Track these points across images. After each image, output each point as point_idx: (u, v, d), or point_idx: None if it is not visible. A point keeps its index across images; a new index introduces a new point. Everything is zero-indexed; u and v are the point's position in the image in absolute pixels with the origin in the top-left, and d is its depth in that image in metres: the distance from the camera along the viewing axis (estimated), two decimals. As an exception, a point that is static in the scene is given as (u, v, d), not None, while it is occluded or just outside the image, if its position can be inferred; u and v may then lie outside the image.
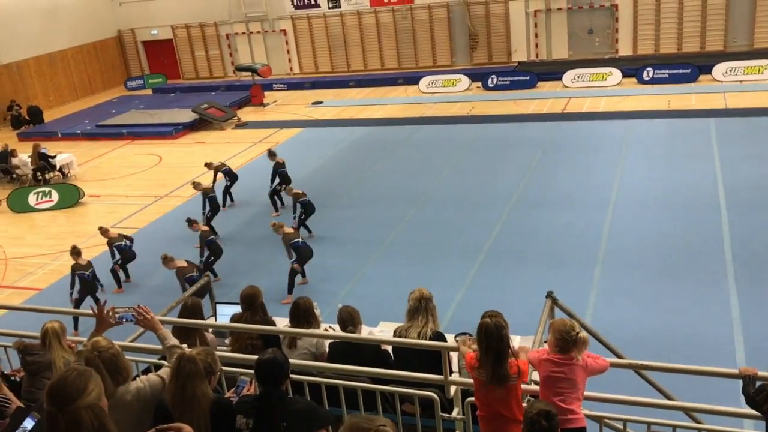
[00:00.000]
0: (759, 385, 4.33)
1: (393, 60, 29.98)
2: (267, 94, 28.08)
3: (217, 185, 15.38)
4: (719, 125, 17.98)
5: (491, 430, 4.53)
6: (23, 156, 20.06)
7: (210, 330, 6.61)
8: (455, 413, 5.12)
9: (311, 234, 13.46)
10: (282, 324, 6.67)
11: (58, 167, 19.89)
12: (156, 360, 5.66)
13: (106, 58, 33.85)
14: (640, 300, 10.15)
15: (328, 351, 5.99)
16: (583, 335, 4.58)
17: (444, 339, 5.59)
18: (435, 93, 25.98)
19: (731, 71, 22.70)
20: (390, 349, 5.83)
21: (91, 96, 32.44)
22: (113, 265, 12.42)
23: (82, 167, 20.96)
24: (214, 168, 15.85)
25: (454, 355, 5.47)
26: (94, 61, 33.24)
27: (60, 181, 19.41)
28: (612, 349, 5.93)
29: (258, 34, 31.75)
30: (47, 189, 18.14)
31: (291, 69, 31.68)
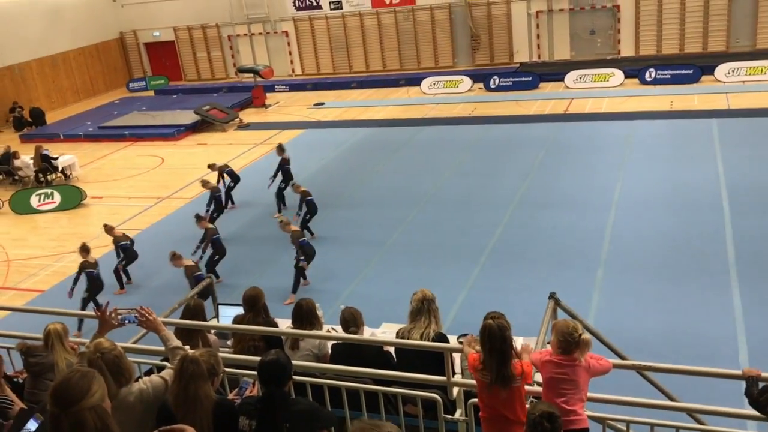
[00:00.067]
0: (762, 386, 4.32)
1: (395, 61, 30.00)
2: (269, 95, 28.09)
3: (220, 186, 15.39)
4: (722, 126, 17.96)
5: (494, 431, 4.53)
6: (25, 158, 20.09)
7: (212, 331, 6.62)
8: (458, 414, 5.12)
9: (313, 235, 13.46)
10: (284, 325, 6.67)
11: (60, 169, 19.91)
12: (158, 361, 5.66)
13: (108, 59, 33.91)
14: (642, 301, 10.14)
15: (330, 352, 5.99)
16: (586, 337, 4.57)
17: (447, 340, 5.60)
18: (437, 94, 25.98)
19: (734, 72, 22.68)
20: (392, 351, 5.84)
21: (93, 98, 32.50)
22: (116, 266, 12.38)
23: (84, 169, 20.99)
24: (217, 169, 15.86)
25: (456, 356, 5.46)
26: (96, 63, 33.30)
27: (62, 183, 19.43)
28: (615, 350, 5.93)
29: (260, 35, 31.79)
30: (49, 190, 18.16)
31: (293, 70, 31.71)
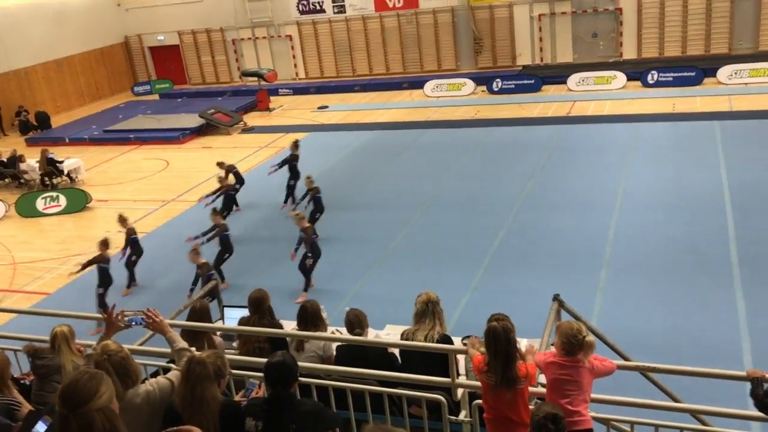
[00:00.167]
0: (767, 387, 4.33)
1: (398, 64, 30.04)
2: (273, 98, 28.17)
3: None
4: (724, 128, 17.95)
5: (498, 433, 4.56)
6: (31, 161, 20.17)
7: (218, 333, 6.65)
8: (462, 416, 5.13)
9: (318, 237, 13.49)
10: (289, 327, 6.70)
11: (65, 172, 19.98)
12: (165, 363, 5.69)
13: (113, 63, 34.02)
14: (646, 302, 10.14)
15: (335, 354, 6.02)
16: (590, 339, 4.59)
17: (451, 342, 5.61)
18: (440, 97, 26.01)
19: (736, 74, 22.67)
20: (397, 352, 5.86)
21: (99, 101, 32.61)
22: (127, 260, 12.46)
23: (89, 172, 21.05)
24: (226, 168, 15.92)
25: (461, 358, 5.49)
26: (101, 67, 33.41)
27: (68, 186, 19.49)
28: (618, 351, 5.94)
29: (264, 39, 31.86)
30: (55, 194, 18.23)
31: (297, 74, 31.77)
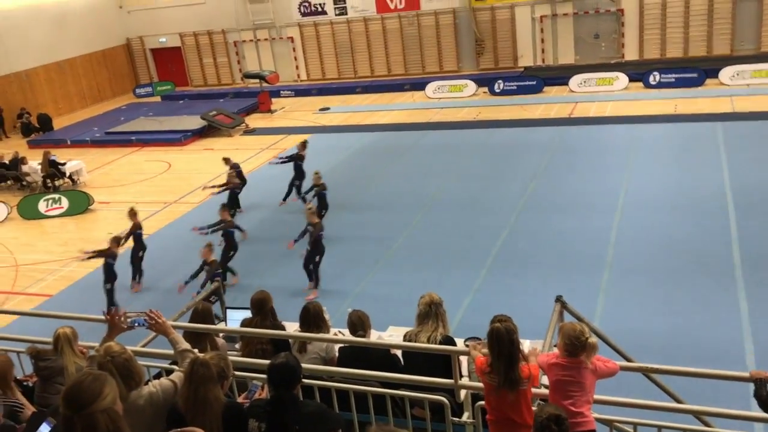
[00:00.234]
0: (771, 388, 4.32)
1: (400, 66, 30.06)
2: (274, 100, 28.20)
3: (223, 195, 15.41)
4: (726, 129, 17.95)
5: (501, 434, 4.55)
6: (33, 163, 20.19)
7: (220, 335, 6.65)
8: (465, 417, 5.13)
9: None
10: (292, 328, 6.70)
11: (67, 174, 20.01)
12: (167, 365, 5.69)
13: (114, 65, 34.06)
14: (648, 303, 10.14)
15: (337, 355, 6.02)
16: (593, 341, 4.58)
17: (454, 343, 5.61)
18: (441, 98, 26.02)
19: (738, 75, 22.67)
20: (399, 354, 5.86)
21: (100, 103, 32.65)
22: (134, 256, 12.56)
23: (91, 174, 21.09)
24: (231, 165, 15.95)
25: (463, 359, 5.48)
26: (102, 69, 33.45)
27: (70, 188, 19.51)
28: (621, 353, 5.93)
29: (265, 41, 31.90)
30: (57, 196, 18.25)
31: (298, 76, 31.80)
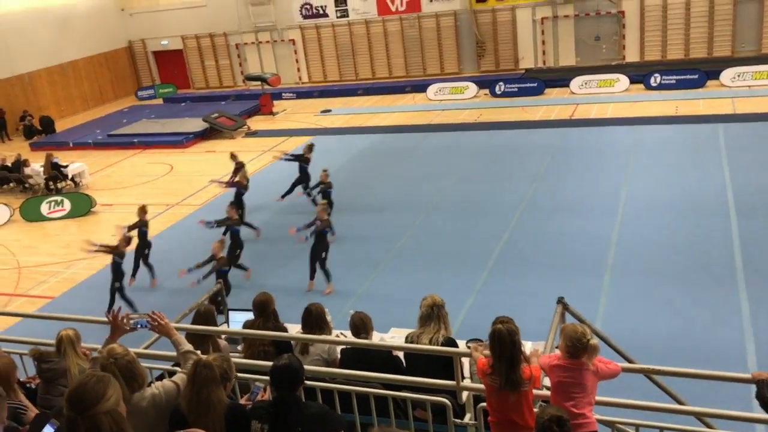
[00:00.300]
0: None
1: (401, 68, 30.08)
2: (276, 103, 28.22)
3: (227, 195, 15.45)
4: (727, 131, 17.95)
5: (503, 435, 4.56)
6: (35, 166, 20.23)
7: (223, 336, 6.66)
8: (467, 419, 5.14)
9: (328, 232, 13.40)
10: (294, 330, 6.71)
11: (70, 177, 20.04)
12: (170, 366, 5.70)
13: (116, 68, 34.11)
14: (650, 305, 10.14)
15: (340, 357, 6.03)
16: (594, 342, 4.59)
17: (456, 345, 5.62)
18: (443, 100, 26.04)
19: (739, 76, 22.68)
20: (402, 355, 5.87)
21: (102, 106, 32.69)
22: (140, 253, 12.68)
23: (93, 176, 21.12)
24: (237, 163, 15.98)
25: (465, 361, 5.49)
26: (105, 72, 33.50)
27: (72, 191, 19.55)
28: (623, 354, 5.93)
29: (267, 43, 31.93)
30: (59, 198, 18.28)
31: (300, 78, 31.83)
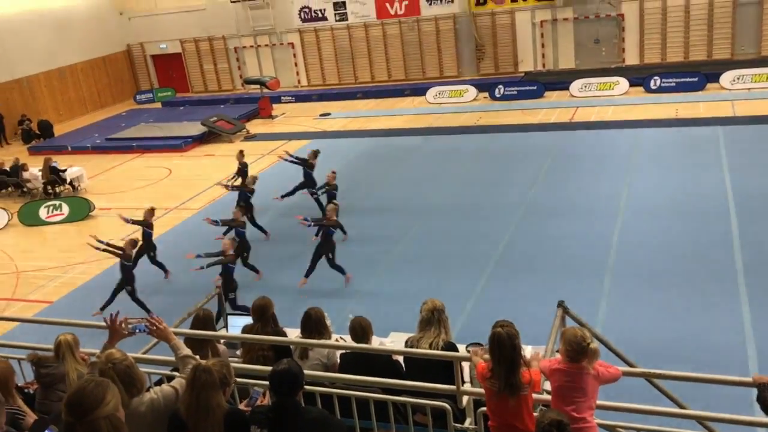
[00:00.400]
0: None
1: (400, 71, 30.09)
2: (275, 106, 28.21)
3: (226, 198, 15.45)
4: (727, 133, 17.96)
5: (503, 440, 4.53)
6: (34, 170, 20.21)
7: (221, 341, 6.64)
8: (467, 423, 5.12)
9: (334, 232, 13.37)
10: (293, 335, 6.69)
11: (68, 181, 20.02)
12: (168, 371, 5.68)
13: (115, 72, 34.10)
14: (650, 308, 10.12)
15: (339, 362, 6.01)
16: (594, 346, 4.57)
17: (456, 349, 5.60)
18: (442, 104, 26.04)
19: (739, 79, 22.69)
20: (401, 360, 5.85)
21: (101, 110, 32.68)
22: (146, 255, 12.85)
23: (92, 180, 21.10)
24: (242, 164, 15.95)
25: (465, 365, 5.47)
26: (103, 75, 33.49)
27: (70, 195, 19.53)
28: (623, 358, 5.92)
29: (266, 47, 31.94)
30: (58, 202, 18.26)
31: (299, 81, 31.83)
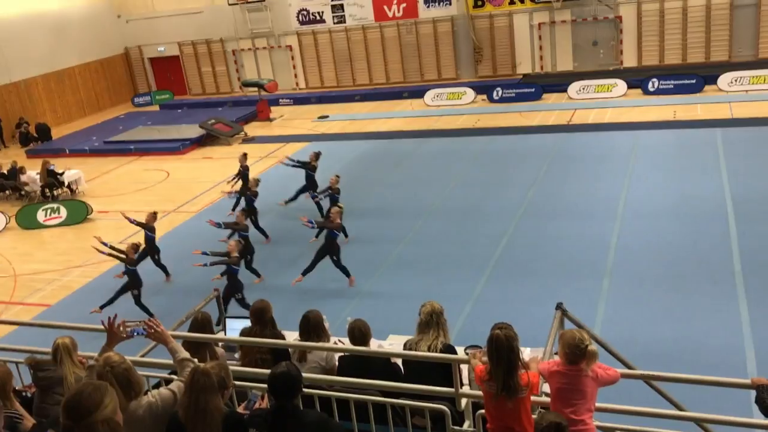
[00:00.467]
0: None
1: (398, 74, 30.11)
2: (273, 109, 28.22)
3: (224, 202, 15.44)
4: (725, 135, 17.98)
5: (502, 443, 4.53)
6: (32, 173, 20.17)
7: (220, 344, 6.63)
8: (466, 426, 5.12)
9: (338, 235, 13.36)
10: (291, 338, 6.68)
11: (66, 184, 20.01)
12: (166, 375, 5.67)
13: (113, 75, 34.10)
14: (649, 310, 10.12)
15: (338, 364, 6.00)
16: (593, 348, 4.57)
17: (454, 352, 5.60)
18: (440, 106, 26.06)
19: (736, 81, 22.72)
20: (400, 362, 5.84)
21: (99, 113, 32.66)
22: (151, 259, 12.92)
23: (90, 183, 21.08)
24: (243, 167, 15.95)
25: (464, 368, 5.47)
26: (101, 78, 33.48)
27: (68, 198, 19.50)
28: (622, 360, 5.91)
29: (264, 49, 31.96)
30: (56, 205, 18.23)
31: (297, 84, 31.85)
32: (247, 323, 6.68)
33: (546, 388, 4.83)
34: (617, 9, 26.57)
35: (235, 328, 7.12)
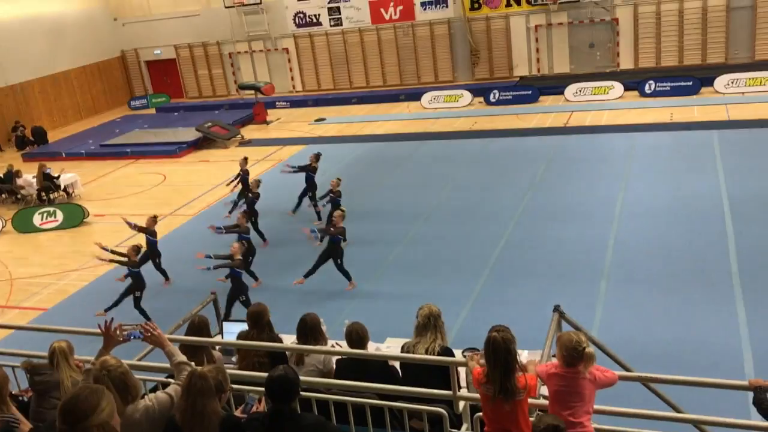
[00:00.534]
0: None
1: (395, 76, 30.13)
2: (270, 111, 28.20)
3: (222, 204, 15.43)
4: (722, 137, 18.02)
5: (500, 445, 4.52)
6: (28, 176, 20.14)
7: (217, 347, 6.62)
8: (464, 429, 5.11)
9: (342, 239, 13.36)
10: (289, 341, 6.67)
11: (62, 187, 19.96)
12: (163, 378, 5.66)
13: (109, 78, 34.07)
14: (646, 312, 10.13)
15: (335, 367, 5.99)
16: (590, 350, 4.57)
17: (452, 354, 5.59)
18: (437, 108, 26.07)
19: (733, 83, 22.77)
20: (398, 365, 5.83)
21: (95, 116, 32.62)
22: (152, 262, 12.90)
23: (86, 187, 21.04)
24: (241, 169, 15.92)
25: (462, 371, 5.46)
26: (97, 82, 33.46)
27: (64, 201, 19.47)
28: (620, 362, 5.91)
29: (260, 52, 31.96)
30: (52, 209, 18.19)
31: (293, 87, 31.85)
32: (245, 326, 6.67)
33: (544, 390, 4.83)
34: (614, 11, 26.63)
35: (233, 331, 7.10)
